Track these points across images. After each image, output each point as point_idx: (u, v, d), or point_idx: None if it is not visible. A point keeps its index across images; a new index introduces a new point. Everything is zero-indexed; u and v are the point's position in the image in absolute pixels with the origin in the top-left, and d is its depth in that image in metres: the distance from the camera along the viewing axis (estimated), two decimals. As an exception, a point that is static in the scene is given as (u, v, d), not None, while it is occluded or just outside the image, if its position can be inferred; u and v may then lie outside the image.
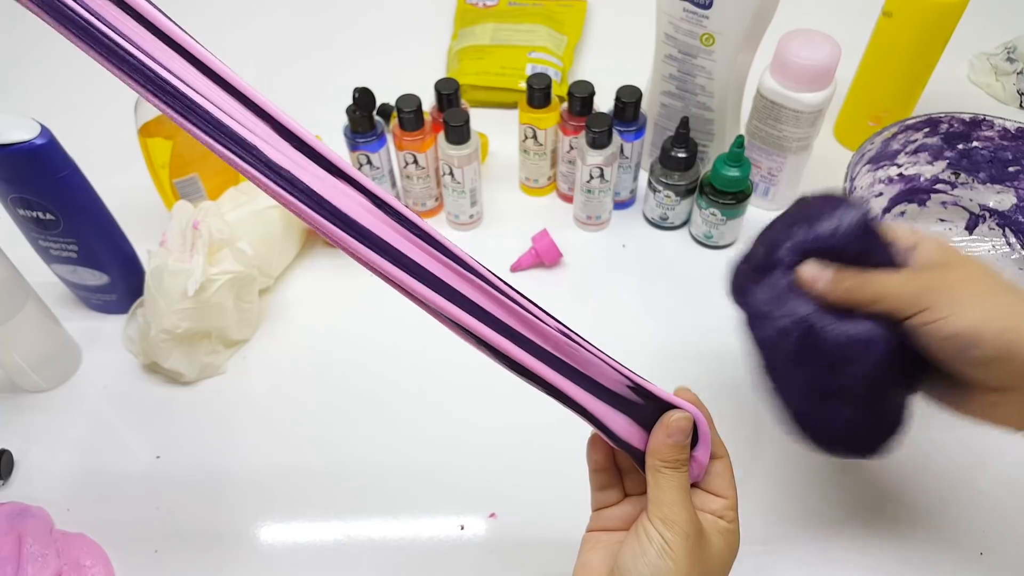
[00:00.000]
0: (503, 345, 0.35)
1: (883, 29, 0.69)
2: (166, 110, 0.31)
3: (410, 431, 0.57)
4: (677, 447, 0.36)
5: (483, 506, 0.53)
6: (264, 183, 0.32)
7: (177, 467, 0.55)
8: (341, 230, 0.32)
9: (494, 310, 0.35)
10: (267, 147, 0.32)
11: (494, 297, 0.34)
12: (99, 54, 0.31)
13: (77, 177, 0.54)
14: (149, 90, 0.31)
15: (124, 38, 0.31)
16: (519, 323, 0.35)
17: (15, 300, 0.54)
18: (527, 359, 0.35)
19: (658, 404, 0.37)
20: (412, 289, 0.33)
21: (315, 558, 0.51)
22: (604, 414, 0.37)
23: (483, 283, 0.34)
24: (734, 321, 0.66)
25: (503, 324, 0.35)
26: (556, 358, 0.36)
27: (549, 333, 0.35)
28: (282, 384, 0.60)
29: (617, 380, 0.37)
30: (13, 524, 0.49)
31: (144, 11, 0.31)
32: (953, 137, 0.64)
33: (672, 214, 0.68)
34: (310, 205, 0.32)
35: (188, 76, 0.31)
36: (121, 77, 0.31)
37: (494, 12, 0.87)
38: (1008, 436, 0.56)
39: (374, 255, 0.33)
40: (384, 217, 0.33)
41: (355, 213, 0.33)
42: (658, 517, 0.36)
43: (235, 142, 0.32)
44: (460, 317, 0.34)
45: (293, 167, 0.32)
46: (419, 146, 0.64)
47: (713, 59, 0.63)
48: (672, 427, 0.36)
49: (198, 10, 0.92)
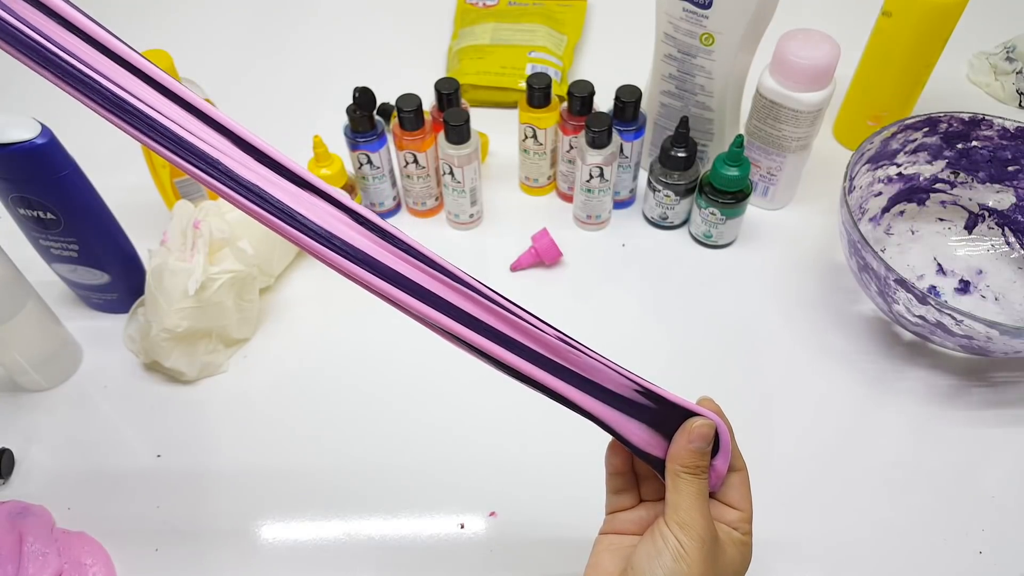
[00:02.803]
0: (499, 353, 0.34)
1: (882, 29, 0.69)
2: (127, 128, 0.31)
3: (410, 430, 0.57)
4: (698, 453, 0.36)
5: (483, 505, 0.53)
6: (235, 198, 0.32)
7: (178, 466, 0.55)
8: (317, 242, 0.33)
9: (486, 318, 0.34)
10: (232, 163, 0.32)
11: (483, 305, 0.34)
12: (52, 74, 0.31)
13: (78, 176, 0.54)
14: (107, 108, 0.31)
15: (76, 58, 0.31)
16: (515, 331, 0.35)
17: (16, 299, 0.54)
18: (527, 366, 0.35)
19: (671, 408, 0.37)
20: (400, 300, 0.34)
21: (315, 557, 0.51)
22: (615, 419, 0.36)
23: (469, 291, 0.34)
24: (732, 320, 0.67)
25: (498, 332, 0.34)
26: (559, 365, 0.35)
27: (548, 340, 0.35)
28: (283, 383, 0.60)
29: (624, 385, 0.36)
30: (14, 523, 0.49)
31: (94, 32, 0.31)
32: (952, 136, 0.64)
33: (672, 213, 0.68)
34: (282, 218, 0.32)
35: (145, 95, 0.31)
36: (77, 96, 0.31)
37: (494, 12, 0.87)
38: (1008, 435, 0.57)
39: (358, 268, 0.33)
40: (362, 230, 0.33)
41: (330, 225, 0.33)
42: (675, 521, 0.35)
43: (198, 157, 0.32)
44: (450, 325, 0.34)
45: (262, 181, 0.32)
46: (419, 146, 0.64)
47: (713, 59, 0.63)
48: (694, 433, 0.36)
49: (198, 10, 0.92)
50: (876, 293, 0.57)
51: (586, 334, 0.66)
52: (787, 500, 0.53)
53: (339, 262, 0.33)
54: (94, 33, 0.31)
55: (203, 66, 0.66)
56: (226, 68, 0.83)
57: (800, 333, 0.62)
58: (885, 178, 0.65)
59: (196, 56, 0.68)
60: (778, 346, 0.62)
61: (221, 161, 0.32)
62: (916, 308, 0.53)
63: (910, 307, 0.54)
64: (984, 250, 0.67)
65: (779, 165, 0.67)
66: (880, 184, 0.65)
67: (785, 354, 0.61)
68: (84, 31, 0.31)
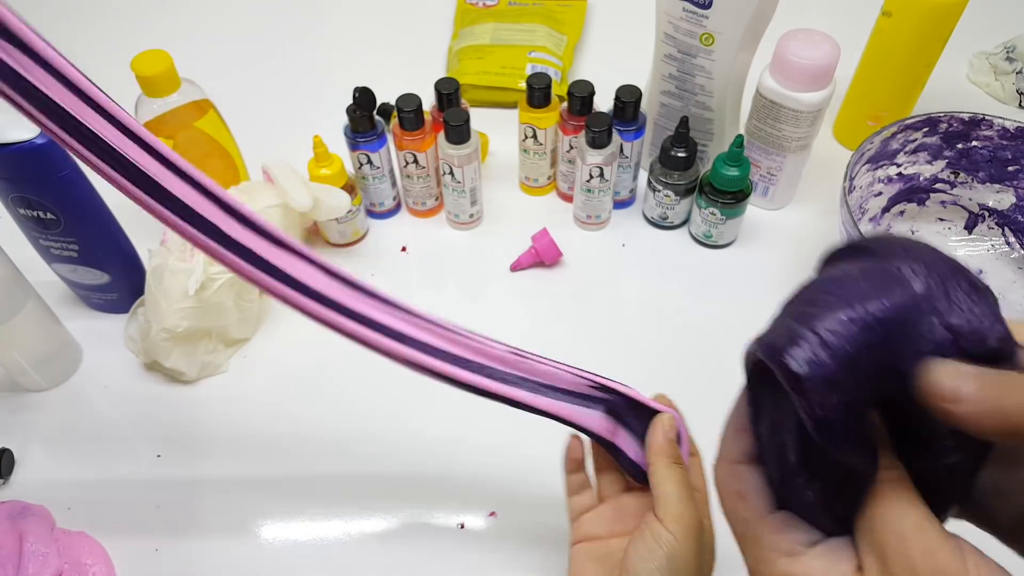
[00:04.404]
0: (453, 372, 0.38)
1: (882, 29, 0.69)
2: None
3: (410, 430, 0.57)
4: (675, 444, 0.38)
5: (483, 505, 0.53)
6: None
7: (178, 466, 0.55)
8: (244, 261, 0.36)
9: (437, 342, 0.38)
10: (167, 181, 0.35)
11: (434, 330, 0.38)
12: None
13: (78, 176, 0.54)
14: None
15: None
16: (467, 351, 0.38)
17: (16, 299, 0.54)
18: (482, 380, 0.38)
19: (624, 398, 0.39)
20: (355, 333, 0.39)
21: (315, 556, 0.51)
22: (573, 413, 0.39)
23: (420, 320, 0.38)
24: (732, 320, 0.67)
25: (450, 353, 0.38)
26: (514, 375, 0.39)
27: (500, 355, 0.38)
28: (283, 383, 0.60)
29: (579, 383, 0.39)
30: (14, 523, 0.49)
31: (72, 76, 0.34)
32: (952, 136, 0.64)
33: (672, 213, 0.68)
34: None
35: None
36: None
37: (494, 12, 0.87)
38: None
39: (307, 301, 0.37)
40: (311, 270, 0.37)
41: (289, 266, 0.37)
42: (668, 515, 0.37)
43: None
44: (404, 352, 0.38)
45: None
46: (419, 145, 0.65)
47: (712, 59, 0.63)
48: (667, 425, 0.39)
49: (198, 10, 0.92)
50: (876, 293, 0.57)
51: (586, 334, 0.66)
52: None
53: (283, 292, 0.37)
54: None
55: (203, 66, 0.66)
56: (226, 68, 0.83)
57: (800, 333, 0.62)
58: (885, 178, 0.65)
59: (196, 56, 0.68)
60: (778, 346, 0.62)
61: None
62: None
63: (910, 307, 0.54)
64: (984, 250, 0.67)
65: (779, 165, 0.67)
66: (880, 184, 0.65)
67: (785, 354, 0.61)
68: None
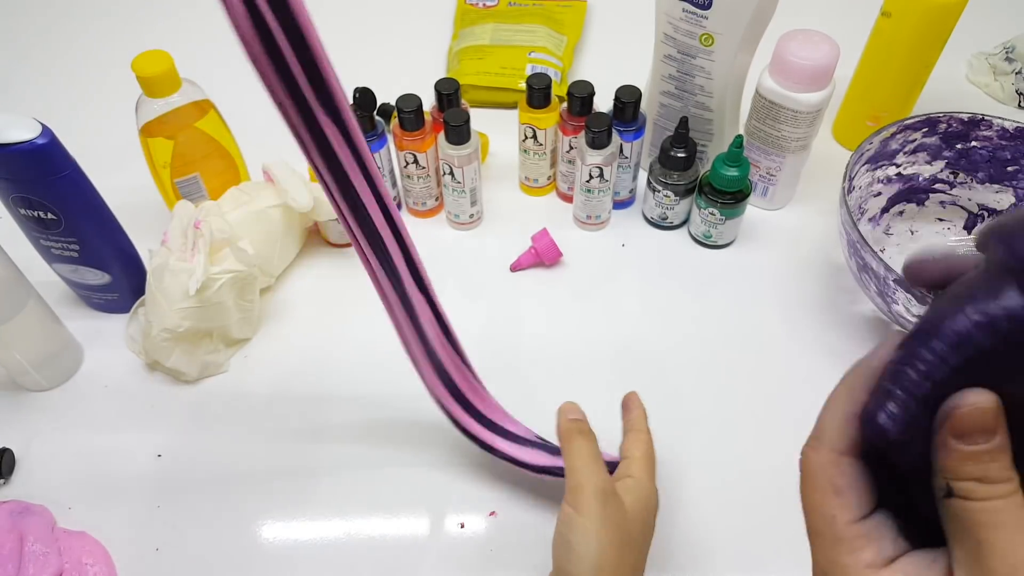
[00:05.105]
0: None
1: (882, 29, 0.69)
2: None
3: (410, 430, 0.57)
4: (572, 421, 0.44)
5: (483, 505, 0.53)
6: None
7: (178, 466, 0.55)
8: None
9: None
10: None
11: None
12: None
13: (78, 176, 0.54)
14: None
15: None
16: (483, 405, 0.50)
17: (16, 299, 0.54)
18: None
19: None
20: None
21: (316, 556, 0.51)
22: (526, 455, 0.50)
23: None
24: (732, 320, 0.67)
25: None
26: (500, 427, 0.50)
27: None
28: (283, 383, 0.60)
29: (531, 434, 0.51)
30: (15, 523, 0.49)
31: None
32: (952, 137, 0.64)
33: (671, 214, 0.68)
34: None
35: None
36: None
37: (494, 12, 0.87)
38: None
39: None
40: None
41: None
42: (568, 489, 0.40)
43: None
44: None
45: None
46: (419, 146, 0.65)
47: (712, 59, 0.63)
48: (564, 408, 0.45)
49: (198, 10, 0.92)
50: (875, 293, 0.57)
51: (586, 334, 0.66)
52: (787, 499, 0.53)
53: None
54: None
55: (203, 66, 0.66)
56: (226, 68, 0.83)
57: (799, 333, 0.62)
58: (884, 178, 0.65)
59: (196, 56, 0.68)
60: (777, 346, 0.62)
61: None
62: (915, 308, 0.54)
63: (909, 307, 0.54)
64: (983, 250, 0.67)
65: (778, 165, 0.67)
66: (879, 184, 0.65)
67: (784, 354, 0.61)
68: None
